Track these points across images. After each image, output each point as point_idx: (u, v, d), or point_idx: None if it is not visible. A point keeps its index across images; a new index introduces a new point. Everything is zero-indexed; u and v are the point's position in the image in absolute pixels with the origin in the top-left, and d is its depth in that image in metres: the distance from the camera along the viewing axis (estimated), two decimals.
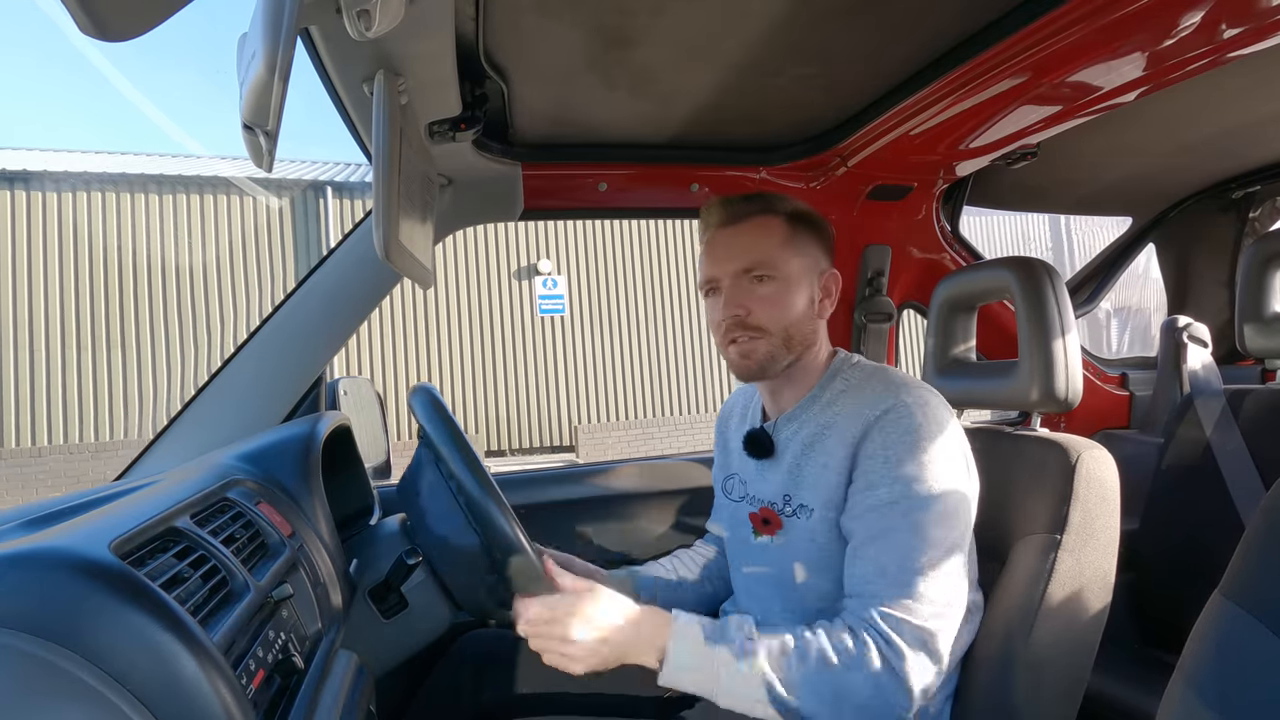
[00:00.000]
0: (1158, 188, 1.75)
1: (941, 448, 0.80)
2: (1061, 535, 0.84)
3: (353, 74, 0.81)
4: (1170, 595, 1.35)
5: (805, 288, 0.92)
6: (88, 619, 0.46)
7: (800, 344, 0.92)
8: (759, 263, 0.90)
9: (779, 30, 0.91)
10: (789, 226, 0.92)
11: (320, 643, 0.74)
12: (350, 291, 1.16)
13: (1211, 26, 0.82)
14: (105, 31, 0.43)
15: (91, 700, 0.44)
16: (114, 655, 0.46)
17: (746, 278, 0.91)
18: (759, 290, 0.90)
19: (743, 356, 0.91)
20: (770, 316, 0.90)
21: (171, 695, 0.47)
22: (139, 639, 0.47)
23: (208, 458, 0.90)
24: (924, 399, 0.83)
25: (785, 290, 0.90)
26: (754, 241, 0.91)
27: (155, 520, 0.60)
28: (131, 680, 0.46)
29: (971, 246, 1.61)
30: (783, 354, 0.91)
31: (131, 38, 0.46)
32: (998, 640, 0.85)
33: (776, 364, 0.91)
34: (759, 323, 0.90)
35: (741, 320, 0.90)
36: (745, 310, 0.90)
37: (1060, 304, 0.94)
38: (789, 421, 0.93)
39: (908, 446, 0.79)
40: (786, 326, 0.90)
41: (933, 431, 0.80)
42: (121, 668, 0.46)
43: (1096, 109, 1.05)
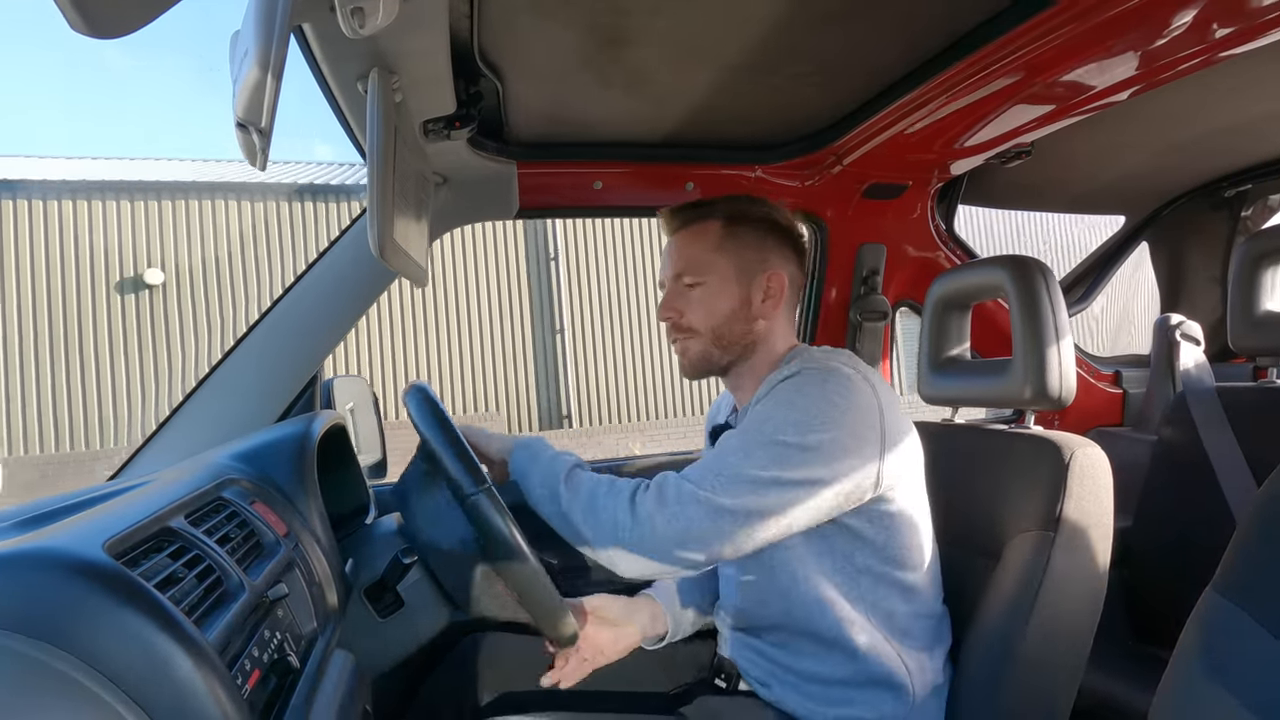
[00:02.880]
0: (1151, 186, 1.76)
1: (822, 408, 0.81)
2: (1055, 532, 0.85)
3: (346, 72, 0.80)
4: (1164, 591, 1.36)
5: (737, 289, 0.94)
6: (82, 619, 0.46)
7: (736, 343, 0.95)
8: (687, 268, 0.95)
9: (774, 29, 0.91)
10: (725, 229, 0.95)
11: (316, 642, 0.74)
12: (345, 290, 1.15)
13: (1203, 26, 0.83)
14: (95, 28, 0.43)
15: (85, 701, 0.44)
16: (108, 656, 0.45)
17: (679, 282, 0.96)
18: (690, 294, 0.95)
19: (680, 355, 0.98)
20: (697, 318, 0.95)
21: (166, 696, 0.46)
22: (133, 639, 0.47)
23: (202, 457, 0.90)
24: (830, 367, 0.85)
25: (712, 293, 0.94)
26: (686, 246, 0.97)
27: (149, 520, 0.59)
28: (126, 681, 0.45)
29: (966, 245, 1.62)
30: (716, 353, 0.95)
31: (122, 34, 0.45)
32: (992, 636, 0.85)
33: (712, 363, 0.96)
34: (688, 324, 0.95)
35: (675, 323, 0.96)
36: (677, 313, 0.96)
37: (1054, 302, 0.95)
38: (745, 413, 0.93)
39: (786, 394, 0.83)
40: (714, 327, 0.94)
41: (823, 394, 0.81)
42: (116, 668, 0.45)
43: (1090, 108, 1.05)
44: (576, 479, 0.88)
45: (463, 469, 0.82)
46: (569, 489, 0.87)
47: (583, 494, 0.86)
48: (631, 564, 0.82)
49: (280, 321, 1.13)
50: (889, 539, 0.86)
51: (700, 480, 0.81)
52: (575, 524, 0.85)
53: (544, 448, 0.94)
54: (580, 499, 0.85)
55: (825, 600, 0.85)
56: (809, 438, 0.79)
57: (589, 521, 0.84)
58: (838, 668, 0.86)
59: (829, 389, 0.82)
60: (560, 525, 0.87)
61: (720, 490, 0.79)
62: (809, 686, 0.88)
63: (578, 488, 0.87)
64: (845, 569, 0.86)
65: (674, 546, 0.79)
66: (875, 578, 0.86)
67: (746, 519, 0.79)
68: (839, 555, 0.86)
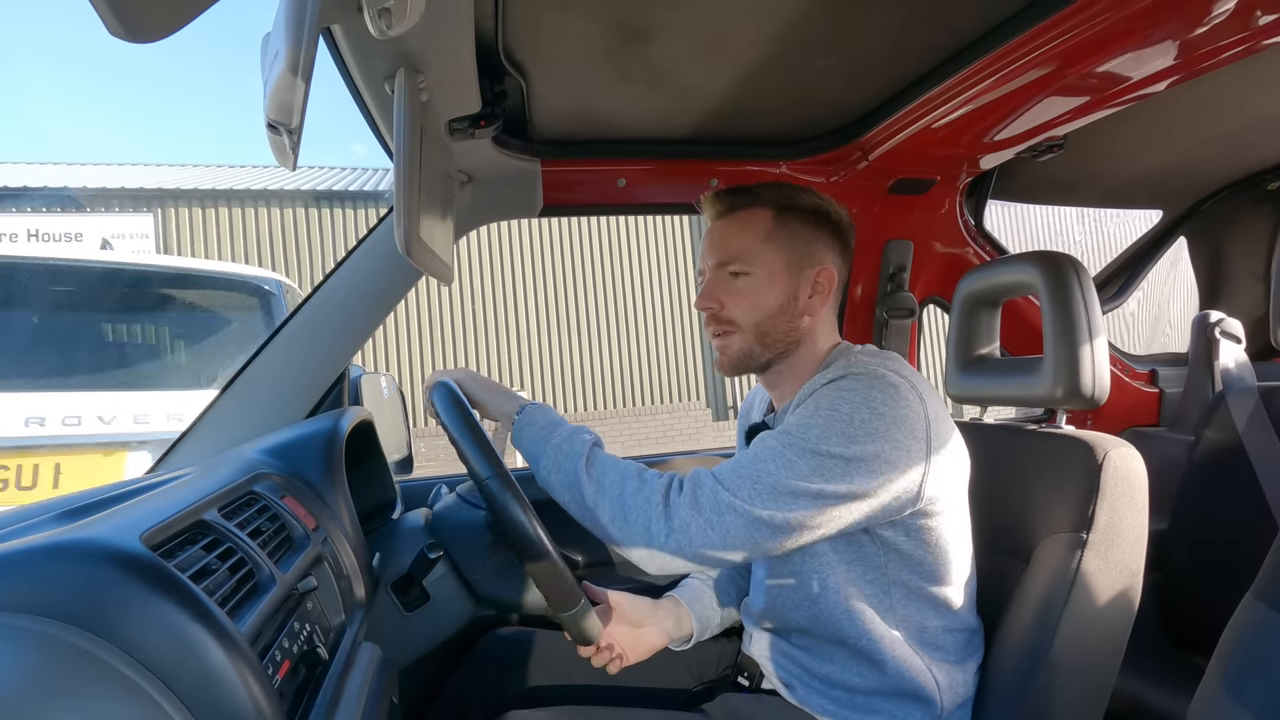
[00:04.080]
0: (1189, 179, 1.71)
1: (864, 416, 0.77)
2: (1087, 534, 0.83)
3: (374, 72, 0.81)
4: (1201, 597, 1.32)
5: (786, 283, 0.90)
6: (120, 609, 0.47)
7: (780, 341, 0.90)
8: (734, 256, 0.90)
9: (799, 22, 0.90)
10: (776, 219, 0.90)
11: (344, 634, 0.75)
12: (372, 289, 1.17)
13: (1246, 13, 0.80)
14: (134, 32, 0.44)
15: (123, 687, 0.45)
16: (145, 644, 0.47)
17: (724, 271, 0.91)
18: (735, 285, 0.90)
19: (719, 351, 0.93)
20: (741, 311, 0.89)
21: (200, 684, 0.48)
22: (169, 629, 0.48)
23: (235, 452, 0.92)
24: (877, 373, 0.80)
25: (760, 285, 0.89)
26: (735, 234, 0.91)
27: (184, 513, 0.61)
28: (161, 669, 0.47)
29: (996, 241, 1.59)
30: (758, 350, 0.90)
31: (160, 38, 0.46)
32: (1021, 640, 0.84)
33: (752, 360, 0.91)
34: (730, 317, 0.90)
35: (715, 314, 0.91)
36: (718, 304, 0.90)
37: (1087, 299, 0.93)
38: (785, 414, 0.91)
39: (828, 399, 0.79)
40: (758, 322, 0.89)
41: (867, 401, 0.77)
42: (152, 656, 0.47)
43: (1126, 99, 1.02)
44: (599, 467, 0.82)
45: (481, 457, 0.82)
46: (592, 479, 0.81)
47: (609, 488, 0.80)
48: (660, 564, 0.79)
49: (309, 319, 1.15)
50: (925, 553, 0.83)
51: (737, 488, 0.77)
52: (600, 520, 0.81)
53: (553, 422, 0.88)
54: (607, 494, 0.80)
55: (854, 610, 0.84)
56: (852, 448, 0.76)
57: (617, 520, 0.80)
58: (864, 677, 0.84)
59: (874, 397, 0.78)
60: (581, 515, 0.83)
61: (758, 500, 0.75)
62: (835, 692, 0.87)
63: (602, 480, 0.81)
64: (878, 580, 0.84)
65: (706, 552, 0.76)
66: (908, 591, 0.84)
67: (783, 530, 0.76)
68: (871, 566, 0.84)
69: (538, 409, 0.90)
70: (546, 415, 0.89)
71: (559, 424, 0.87)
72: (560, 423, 0.88)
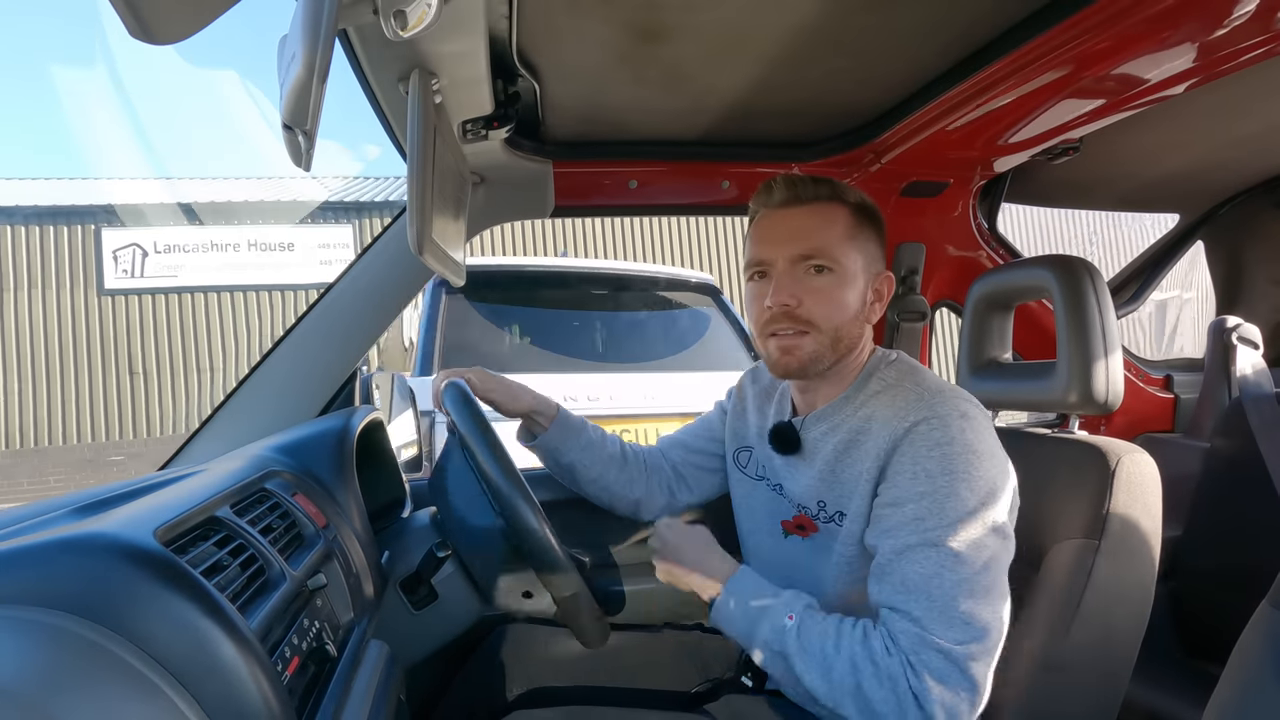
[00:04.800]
0: (1207, 183, 1.69)
1: (975, 463, 0.75)
2: (1100, 540, 0.82)
3: (388, 74, 0.82)
4: (1216, 605, 1.30)
5: (861, 287, 0.86)
6: (133, 603, 0.48)
7: (846, 347, 0.86)
8: (819, 250, 0.83)
9: (812, 23, 0.90)
10: (854, 219, 0.86)
11: (353, 632, 0.76)
12: (384, 288, 1.18)
13: (1266, 15, 0.79)
14: (153, 34, 0.45)
15: (135, 681, 0.46)
16: (156, 639, 0.47)
17: (803, 265, 0.83)
18: (815, 281, 0.83)
19: (784, 353, 0.85)
20: (823, 312, 0.83)
21: (211, 679, 0.48)
22: (180, 624, 0.48)
23: (247, 449, 0.93)
24: (960, 410, 0.78)
25: (842, 286, 0.84)
26: (817, 227, 0.84)
27: (197, 509, 0.62)
28: (172, 663, 0.47)
29: (1009, 244, 1.58)
30: (828, 355, 0.85)
31: (179, 40, 0.47)
32: (1032, 646, 0.83)
33: (819, 365, 0.85)
34: (809, 316, 0.83)
35: (791, 311, 0.83)
36: (796, 300, 0.83)
37: (1101, 304, 0.92)
38: (819, 421, 0.89)
39: (938, 461, 0.75)
40: (838, 326, 0.84)
41: (967, 446, 0.76)
42: (163, 651, 0.47)
43: (1143, 102, 1.01)
44: (814, 651, 0.74)
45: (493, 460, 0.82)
46: (809, 666, 0.74)
47: (837, 679, 0.73)
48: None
49: (322, 318, 1.16)
50: None
51: (940, 633, 0.71)
52: (843, 711, 0.73)
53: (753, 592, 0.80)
54: (843, 688, 0.72)
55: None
56: (989, 503, 0.74)
57: (863, 711, 0.72)
58: None
59: (969, 435, 0.76)
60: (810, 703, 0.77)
61: (966, 635, 0.71)
62: None
63: (827, 668, 0.73)
64: None
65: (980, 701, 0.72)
66: None
67: (996, 611, 0.73)
68: None
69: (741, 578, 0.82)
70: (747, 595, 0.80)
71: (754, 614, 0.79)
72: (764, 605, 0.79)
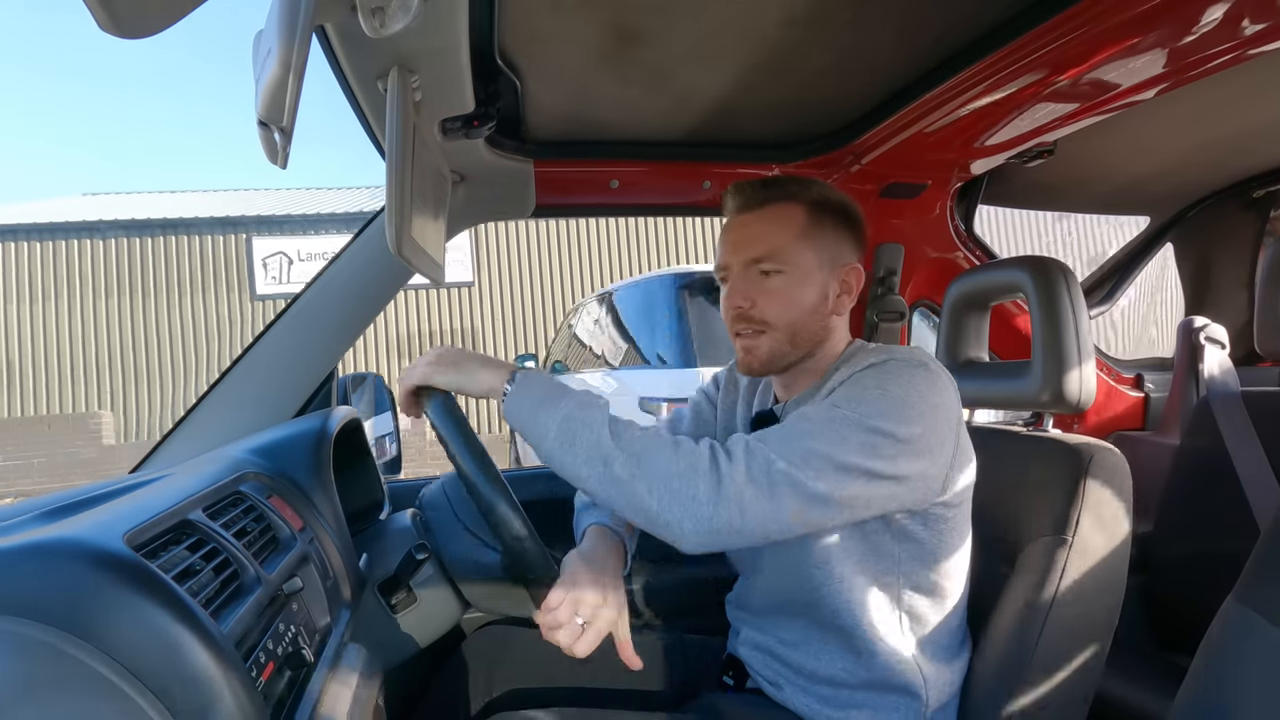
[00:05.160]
0: (1176, 186, 1.73)
1: (915, 396, 0.76)
2: (1072, 537, 0.83)
3: (367, 71, 0.81)
4: (1184, 599, 1.33)
5: (818, 283, 0.88)
6: (101, 610, 0.46)
7: (808, 341, 0.89)
8: (768, 254, 0.87)
9: (794, 26, 0.90)
10: (809, 216, 0.88)
11: (329, 636, 0.75)
12: (363, 288, 1.17)
13: (1234, 22, 0.81)
14: (123, 28, 0.44)
15: (103, 689, 0.45)
16: (126, 645, 0.46)
17: (755, 269, 0.87)
18: (767, 283, 0.87)
19: (746, 352, 0.89)
20: (775, 311, 0.87)
21: (183, 686, 0.47)
22: (151, 630, 0.47)
23: (221, 451, 0.91)
24: (921, 360, 0.80)
25: (794, 284, 0.87)
26: (768, 231, 0.87)
27: (168, 513, 0.60)
28: (143, 670, 0.46)
29: (986, 245, 1.60)
30: (787, 350, 0.88)
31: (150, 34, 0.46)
32: (1006, 639, 0.84)
33: (780, 361, 0.89)
34: (763, 317, 0.87)
35: (745, 313, 0.87)
36: (749, 302, 0.87)
37: (1074, 304, 0.93)
38: (798, 405, 0.91)
39: (875, 378, 0.77)
40: (792, 323, 0.87)
41: (912, 380, 0.77)
42: (133, 658, 0.46)
43: (1115, 106, 1.03)
44: (627, 436, 0.74)
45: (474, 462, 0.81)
46: (622, 449, 0.73)
47: (644, 458, 0.72)
48: (701, 539, 0.72)
49: (298, 318, 1.14)
50: (938, 545, 0.82)
51: (790, 458, 0.71)
52: (636, 493, 0.72)
53: (556, 390, 0.78)
54: (643, 464, 0.72)
55: (855, 600, 0.83)
56: (903, 429, 0.73)
57: (656, 491, 0.71)
58: (852, 672, 0.85)
59: (919, 382, 0.76)
60: (608, 491, 0.74)
61: (813, 473, 0.71)
62: (819, 689, 0.87)
63: (633, 449, 0.73)
64: (888, 570, 0.83)
65: (756, 524, 0.71)
66: (914, 584, 0.83)
67: (833, 507, 0.73)
68: (883, 556, 0.83)
69: (531, 377, 0.79)
70: (544, 384, 0.79)
71: (563, 392, 0.78)
72: (564, 390, 0.78)
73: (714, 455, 0.73)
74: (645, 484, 0.72)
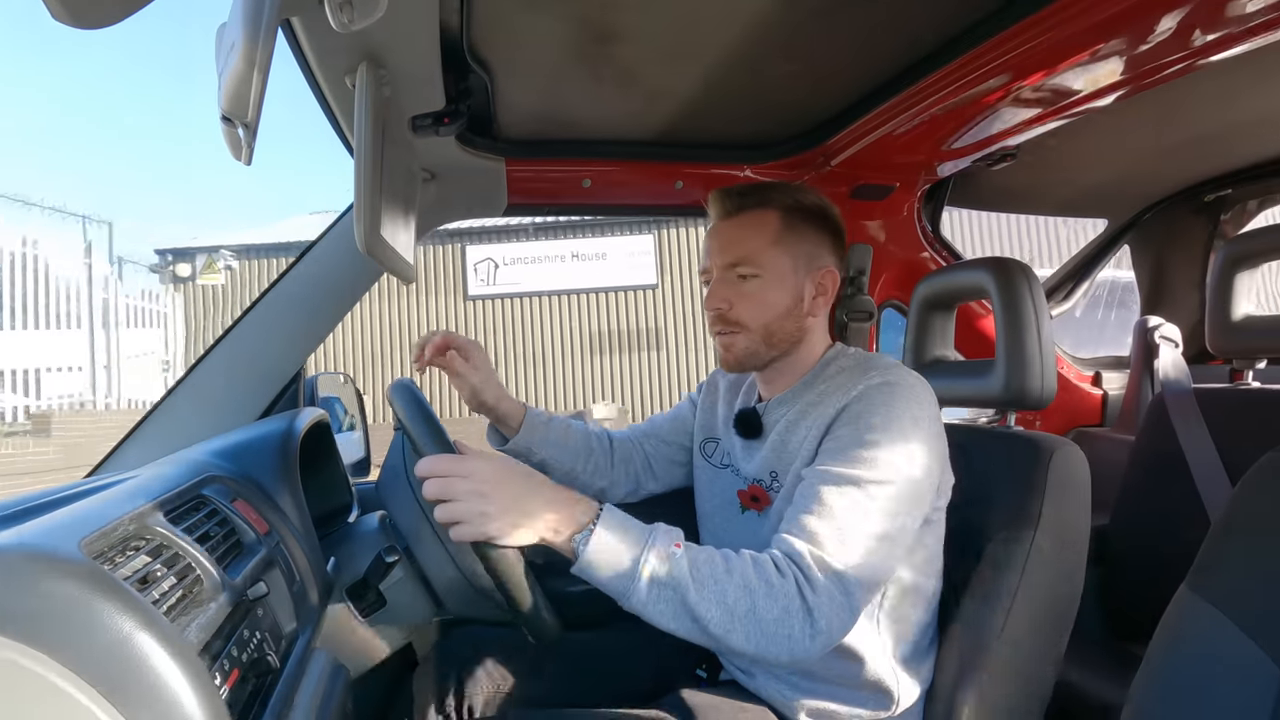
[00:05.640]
0: (1133, 190, 1.79)
1: (916, 432, 0.80)
2: (1034, 531, 0.86)
3: (334, 66, 0.80)
4: (1140, 589, 1.38)
5: (792, 286, 0.92)
6: (57, 619, 0.45)
7: (784, 341, 0.92)
8: (743, 259, 0.91)
9: (765, 28, 0.91)
10: (783, 222, 0.92)
11: (296, 642, 0.74)
12: (331, 286, 1.14)
13: (1184, 33, 0.84)
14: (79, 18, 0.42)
15: (61, 702, 0.43)
16: (84, 656, 0.45)
17: (732, 273, 0.92)
18: (743, 287, 0.91)
19: (724, 349, 0.94)
20: (750, 314, 0.91)
21: (143, 696, 0.46)
22: (110, 639, 0.46)
23: (182, 454, 0.89)
24: (909, 382, 0.84)
25: (768, 288, 0.91)
26: (743, 237, 0.92)
27: (127, 518, 0.59)
28: (102, 681, 0.45)
29: (952, 247, 1.63)
30: (762, 350, 0.92)
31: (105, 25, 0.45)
32: (972, 633, 0.86)
33: (756, 359, 0.93)
34: (738, 318, 0.91)
35: (723, 315, 0.92)
36: (727, 305, 0.92)
37: (1036, 304, 0.96)
38: (780, 405, 0.94)
39: (879, 413, 0.80)
40: (766, 324, 0.91)
41: (907, 407, 0.81)
42: (91, 669, 0.45)
43: (1074, 112, 1.07)
44: (712, 586, 0.70)
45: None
46: (712, 603, 0.70)
47: (736, 611, 0.70)
48: (801, 660, 0.73)
49: (264, 317, 1.12)
50: (918, 544, 0.85)
51: (849, 559, 0.74)
52: (732, 644, 0.70)
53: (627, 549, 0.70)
54: (737, 619, 0.70)
55: None
56: (918, 469, 0.79)
57: (753, 639, 0.70)
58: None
59: (914, 405, 0.81)
60: (703, 642, 0.72)
61: (875, 557, 0.75)
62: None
63: (724, 600, 0.70)
64: None
65: (847, 629, 0.74)
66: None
67: (886, 570, 0.78)
68: None
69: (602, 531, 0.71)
70: (612, 545, 0.70)
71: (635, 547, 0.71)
72: (636, 543, 0.71)
73: (800, 591, 0.72)
74: (741, 634, 0.70)
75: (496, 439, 1.09)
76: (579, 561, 0.70)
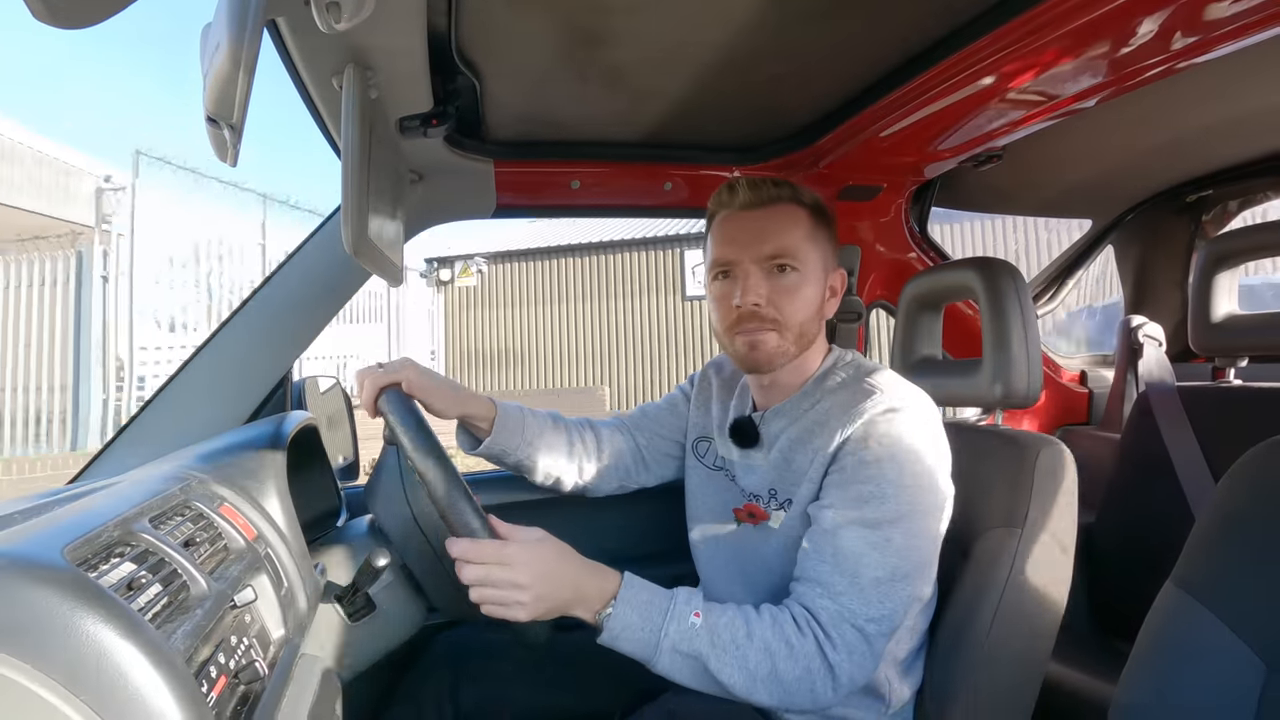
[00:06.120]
0: (1117, 191, 1.81)
1: (923, 458, 0.80)
2: (1021, 529, 0.86)
3: (321, 67, 0.79)
4: (1126, 585, 1.39)
5: (820, 284, 0.90)
6: (39, 627, 0.44)
7: (806, 343, 0.90)
8: (784, 250, 0.86)
9: (752, 30, 0.91)
10: (812, 219, 0.90)
11: (285, 648, 0.73)
12: (318, 288, 1.14)
13: (1165, 37, 0.85)
14: (59, 18, 0.42)
15: (44, 713, 0.43)
16: (67, 665, 0.44)
17: (769, 265, 0.87)
18: (781, 281, 0.87)
19: (751, 348, 0.88)
20: (789, 310, 0.87)
21: (129, 705, 0.45)
22: (93, 647, 0.45)
23: (168, 459, 0.88)
24: (913, 404, 0.83)
25: (805, 284, 0.88)
26: (780, 228, 0.87)
27: (111, 524, 0.58)
28: (85, 690, 0.44)
29: (939, 247, 1.65)
30: (791, 350, 0.89)
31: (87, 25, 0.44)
32: (960, 631, 0.87)
33: (783, 359, 0.89)
34: (777, 315, 0.86)
35: (759, 310, 0.86)
36: (765, 299, 0.86)
37: (1022, 304, 0.97)
38: (778, 416, 0.92)
39: (888, 450, 0.79)
40: (802, 322, 0.88)
41: (916, 440, 0.80)
42: (75, 678, 0.44)
43: (1058, 113, 1.08)
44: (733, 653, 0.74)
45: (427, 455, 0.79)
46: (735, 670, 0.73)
47: (758, 674, 0.73)
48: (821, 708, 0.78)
49: (251, 320, 1.11)
50: None
51: (868, 608, 0.75)
52: (755, 700, 0.75)
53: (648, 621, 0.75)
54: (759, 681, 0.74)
55: None
56: (935, 499, 0.80)
57: (776, 695, 0.74)
58: None
59: (920, 429, 0.81)
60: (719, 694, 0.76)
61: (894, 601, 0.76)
62: None
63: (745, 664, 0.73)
64: None
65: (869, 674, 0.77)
66: None
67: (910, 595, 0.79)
68: None
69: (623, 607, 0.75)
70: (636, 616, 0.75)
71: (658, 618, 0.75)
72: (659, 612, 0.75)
73: (821, 650, 0.74)
74: (764, 693, 0.74)
75: (468, 441, 1.02)
76: (604, 635, 0.75)
